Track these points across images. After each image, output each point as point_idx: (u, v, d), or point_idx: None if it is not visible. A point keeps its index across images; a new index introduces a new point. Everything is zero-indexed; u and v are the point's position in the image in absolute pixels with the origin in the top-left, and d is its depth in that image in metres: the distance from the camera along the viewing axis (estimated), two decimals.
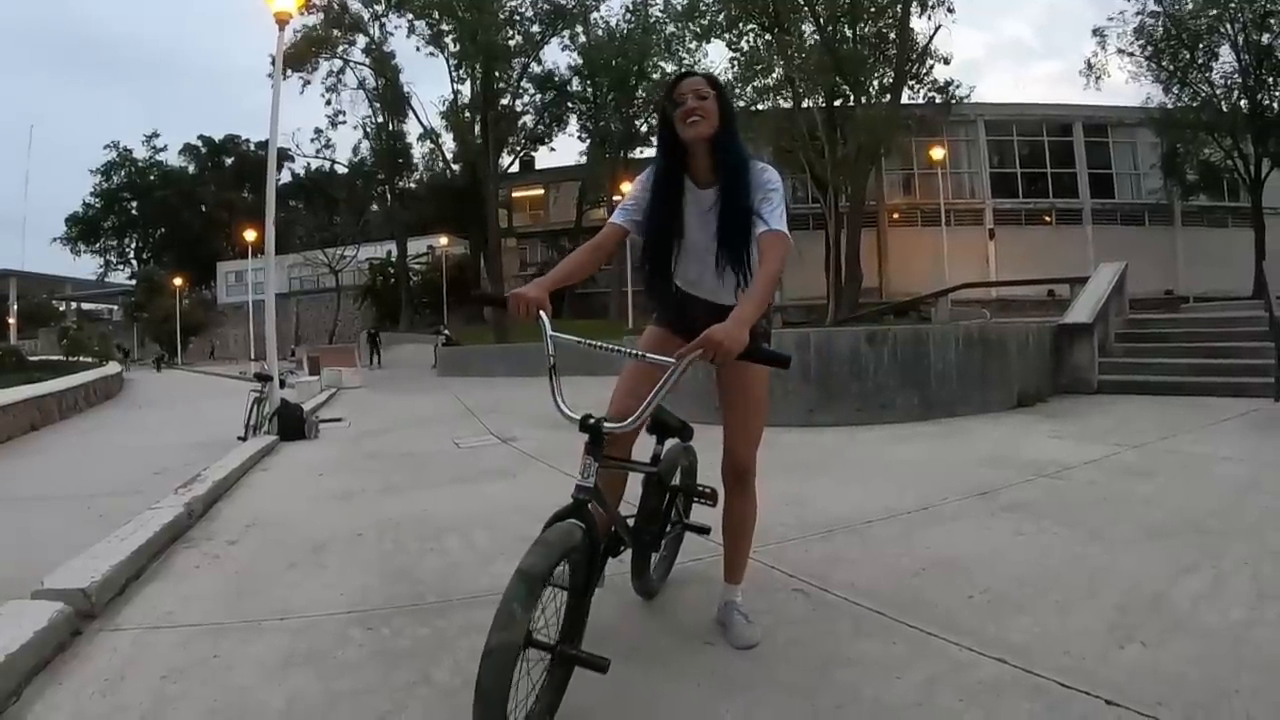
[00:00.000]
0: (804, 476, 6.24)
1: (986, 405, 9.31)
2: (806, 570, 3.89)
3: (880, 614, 3.31)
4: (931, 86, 31.88)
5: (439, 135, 47.05)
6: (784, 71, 32.17)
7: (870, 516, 4.86)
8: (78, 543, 4.63)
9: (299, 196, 62.62)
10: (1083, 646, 2.91)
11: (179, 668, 3.16)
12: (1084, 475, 5.81)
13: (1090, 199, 35.49)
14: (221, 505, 6.36)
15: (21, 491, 8.13)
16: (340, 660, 3.13)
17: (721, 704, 2.66)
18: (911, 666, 2.84)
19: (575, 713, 2.60)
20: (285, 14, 12.25)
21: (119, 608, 3.87)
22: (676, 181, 2.99)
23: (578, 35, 44.59)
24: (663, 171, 2.99)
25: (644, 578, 3.49)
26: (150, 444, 11.84)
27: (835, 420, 8.77)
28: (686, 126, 2.82)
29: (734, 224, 2.88)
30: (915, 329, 10.97)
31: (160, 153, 75.90)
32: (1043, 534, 4.36)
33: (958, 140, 35.86)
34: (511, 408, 12.67)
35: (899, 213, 36.33)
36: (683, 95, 2.85)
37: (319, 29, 40.90)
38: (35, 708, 2.86)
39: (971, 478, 5.82)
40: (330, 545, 4.87)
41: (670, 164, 2.97)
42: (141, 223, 76.34)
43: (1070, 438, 7.40)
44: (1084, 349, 10.87)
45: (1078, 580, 3.62)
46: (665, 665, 2.96)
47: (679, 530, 3.76)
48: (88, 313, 77.01)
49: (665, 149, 2.97)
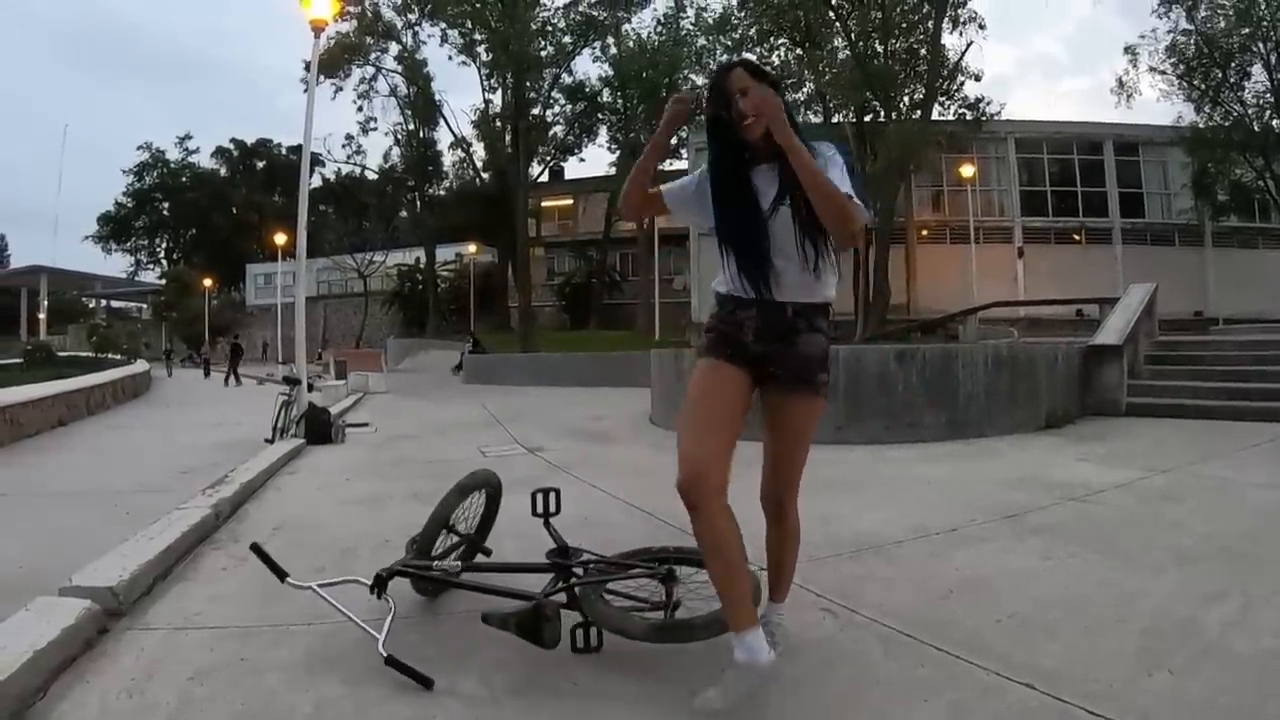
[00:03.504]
0: (832, 494, 6.23)
1: (1014, 426, 9.27)
2: (835, 589, 3.90)
3: (908, 636, 3.31)
4: (962, 103, 31.82)
5: (469, 143, 47.36)
6: (815, 86, 32.22)
7: (899, 536, 4.86)
8: (104, 540, 4.70)
9: (329, 201, 62.98)
10: (1111, 673, 2.90)
11: (206, 669, 3.18)
12: (1113, 499, 5.79)
13: (1120, 218, 35.22)
14: (249, 507, 6.42)
15: (49, 486, 8.18)
16: (368, 668, 3.12)
17: None
18: (939, 690, 2.84)
19: None
20: (321, 21, 12.36)
21: (146, 607, 3.91)
22: (738, 160, 2.91)
23: (609, 47, 44.76)
24: (718, 154, 2.96)
25: None
26: (177, 443, 11.92)
27: (863, 438, 8.76)
28: (748, 130, 2.78)
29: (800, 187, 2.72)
30: (944, 348, 10.94)
31: (192, 154, 76.92)
32: (1071, 558, 4.34)
33: (987, 157, 35.68)
34: (537, 417, 12.70)
35: (927, 229, 36.17)
36: (732, 96, 2.79)
37: (352, 36, 41.25)
38: (62, 705, 2.89)
39: (1000, 499, 5.81)
40: (358, 550, 4.90)
41: (725, 148, 2.92)
42: (172, 223, 77.15)
43: (1098, 460, 7.37)
44: (1113, 371, 10.78)
45: (1106, 605, 3.61)
46: (689, 683, 2.92)
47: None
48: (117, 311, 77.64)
49: (720, 141, 2.93)
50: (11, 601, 3.52)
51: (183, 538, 4.87)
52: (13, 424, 11.61)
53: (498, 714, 2.81)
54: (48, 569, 4.29)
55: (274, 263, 52.55)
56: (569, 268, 54.25)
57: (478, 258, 51.74)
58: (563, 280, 53.20)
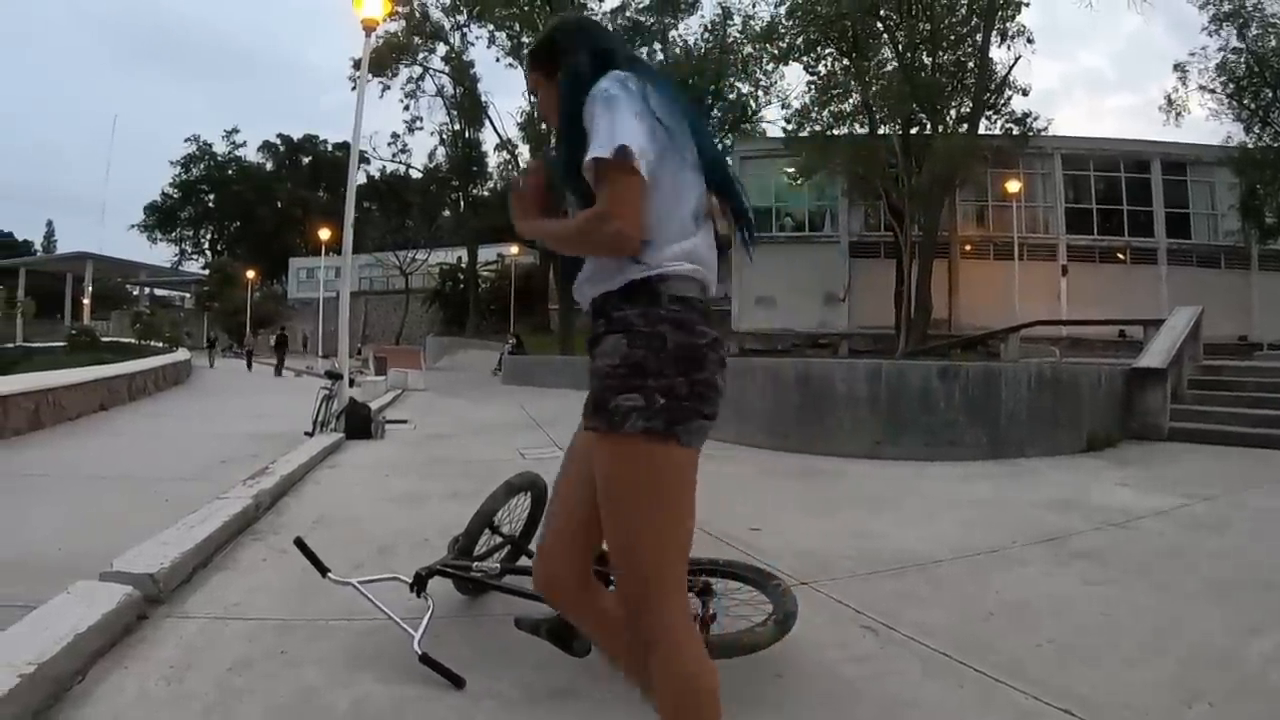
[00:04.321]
0: (871, 510, 6.28)
1: (1055, 447, 9.19)
2: (874, 607, 3.90)
3: (948, 656, 3.32)
4: (1009, 117, 31.62)
5: (515, 145, 47.47)
6: (861, 97, 32.11)
7: (938, 555, 4.87)
8: (143, 525, 4.79)
9: (373, 198, 63.42)
10: (1149, 702, 2.90)
11: (245, 661, 3.22)
12: (1153, 525, 5.76)
13: (1166, 238, 34.77)
14: (289, 500, 6.50)
15: (89, 470, 8.28)
16: (406, 666, 3.12)
17: None
18: (978, 713, 2.86)
19: None
20: (373, 20, 12.52)
21: (186, 595, 3.96)
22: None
23: (655, 53, 44.75)
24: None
25: None
26: (216, 432, 12.05)
27: (902, 454, 8.76)
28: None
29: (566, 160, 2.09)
30: (987, 366, 10.89)
31: (239, 148, 78.05)
32: (1110, 584, 4.34)
33: (1033, 173, 35.30)
34: (575, 419, 12.58)
35: (971, 244, 35.83)
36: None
37: (400, 36, 41.53)
38: (100, 690, 2.92)
39: (1040, 522, 5.80)
40: (396, 548, 4.94)
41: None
42: (217, 215, 78.19)
43: (1139, 486, 7.31)
44: (1156, 394, 10.67)
45: (1145, 634, 3.61)
46: (737, 696, 2.89)
47: None
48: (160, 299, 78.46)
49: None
50: (51, 584, 3.59)
51: (223, 528, 4.96)
52: (55, 406, 11.81)
53: (537, 716, 2.85)
54: (87, 552, 4.38)
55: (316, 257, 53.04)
56: None
57: (519, 259, 51.89)
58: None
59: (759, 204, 38.04)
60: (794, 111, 34.56)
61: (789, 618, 3.12)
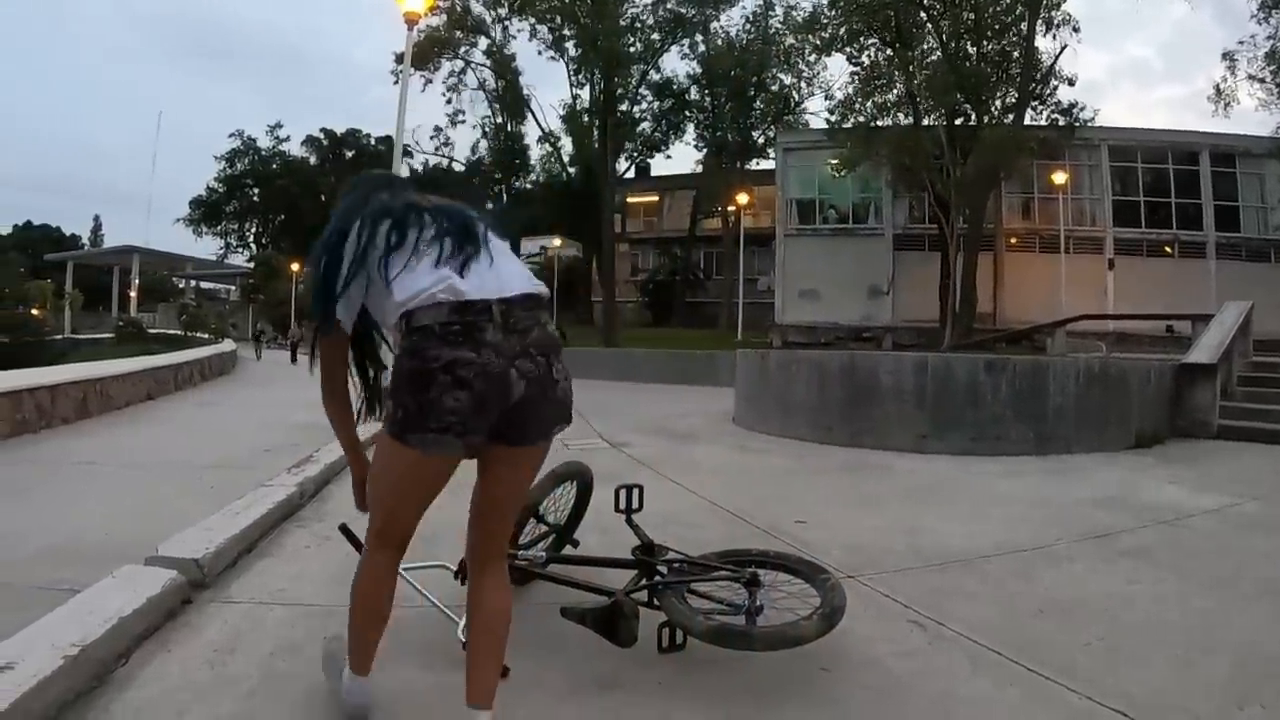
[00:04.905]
0: (917, 504, 6.28)
1: (1103, 444, 9.10)
2: (922, 602, 3.90)
3: (997, 653, 3.30)
4: (1055, 108, 31.17)
5: (557, 138, 47.68)
6: (905, 88, 31.85)
7: (985, 551, 4.85)
8: (188, 512, 4.85)
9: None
10: (1200, 704, 2.87)
11: (288, 645, 3.26)
12: (1203, 524, 5.70)
13: (1215, 232, 34.25)
14: (333, 488, 6.55)
15: (136, 458, 8.40)
16: (450, 655, 3.12)
17: None
18: (1029, 712, 2.83)
19: None
20: (415, 14, 12.66)
21: (230, 580, 4.02)
22: None
23: (697, 44, 44.75)
24: None
25: None
26: (261, 421, 12.15)
27: (947, 448, 8.73)
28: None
29: None
30: (1035, 360, 10.80)
31: (283, 143, 78.55)
32: (1160, 583, 4.31)
33: (1080, 165, 34.75)
34: (620, 412, 12.59)
35: (1017, 237, 35.42)
36: None
37: (442, 30, 41.71)
38: (143, 672, 2.96)
39: (1087, 519, 5.76)
40: (441, 536, 4.91)
41: None
42: (262, 208, 78.80)
43: (1189, 484, 7.21)
44: (1205, 391, 10.48)
45: (1195, 634, 3.58)
46: (783, 689, 2.98)
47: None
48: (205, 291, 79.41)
49: None
50: (98, 568, 3.67)
51: (267, 514, 5.02)
52: (103, 396, 12.02)
53: (581, 708, 2.85)
54: (133, 537, 4.45)
55: None
56: (652, 264, 54.32)
57: (562, 251, 51.99)
58: (646, 277, 53.37)
59: (802, 196, 38.07)
60: (837, 103, 34.36)
61: (836, 612, 3.10)
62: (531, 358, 2.32)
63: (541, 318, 2.41)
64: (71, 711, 2.65)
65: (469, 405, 2.25)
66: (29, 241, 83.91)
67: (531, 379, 2.32)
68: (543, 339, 2.37)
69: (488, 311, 2.28)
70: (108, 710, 2.69)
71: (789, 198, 38.49)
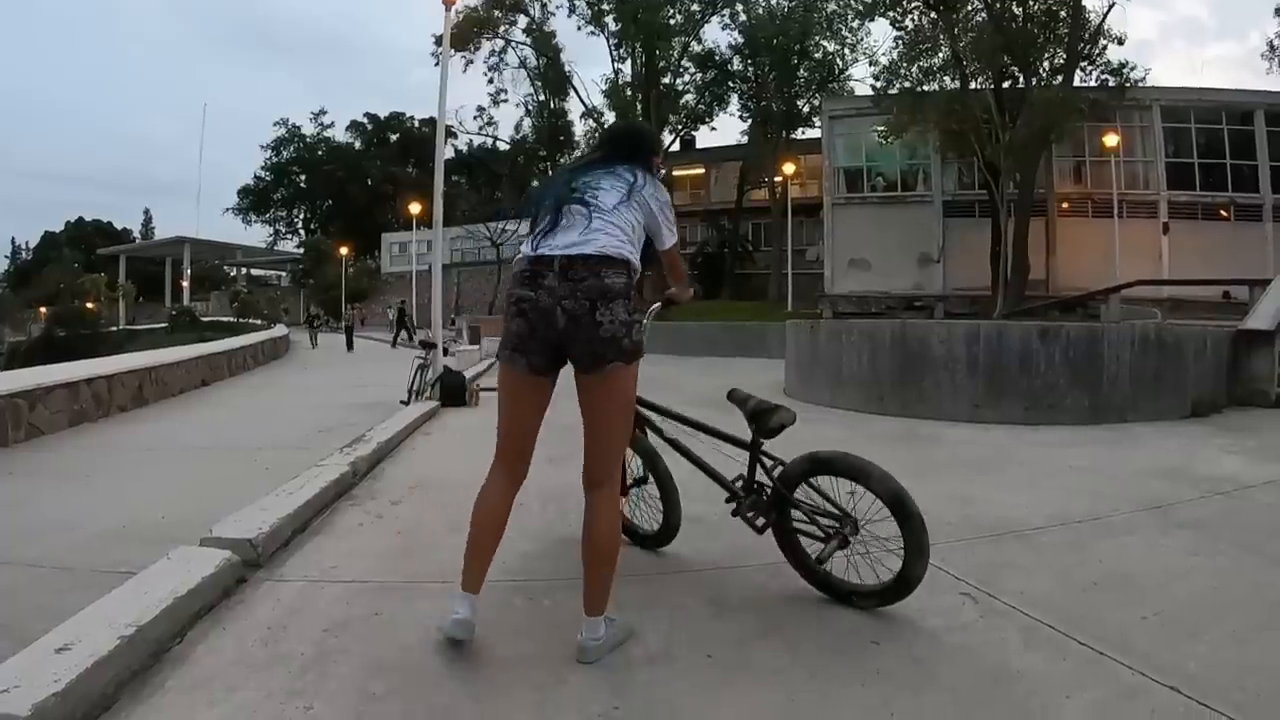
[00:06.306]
0: (969, 474, 6.23)
1: (1159, 413, 8.96)
2: (974, 574, 3.88)
3: (1050, 627, 3.26)
4: (1105, 68, 30.51)
5: (600, 113, 47.50)
6: (951, 50, 31.37)
7: (1039, 523, 4.79)
8: (243, 493, 4.90)
9: (462, 172, 63.98)
10: (1260, 682, 2.79)
11: (341, 622, 3.28)
12: (1263, 496, 5.58)
13: (1272, 194, 33.34)
14: (385, 466, 6.62)
15: (191, 442, 8.56)
16: (501, 627, 3.20)
17: (890, 705, 2.66)
18: (1082, 686, 2.78)
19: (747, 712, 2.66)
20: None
21: (283, 559, 4.06)
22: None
23: (738, 14, 44.37)
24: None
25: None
26: (314, 403, 12.34)
27: (1001, 418, 8.65)
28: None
29: None
30: (1090, 327, 10.64)
31: (327, 129, 79.79)
32: (1219, 555, 4.23)
33: (1131, 126, 33.87)
34: (670, 385, 12.40)
35: (1069, 202, 34.71)
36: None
37: (481, 9, 41.81)
38: (198, 649, 3.01)
39: (1144, 490, 5.66)
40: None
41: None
42: (309, 195, 79.90)
43: (1248, 454, 7.07)
44: (1263, 358, 10.26)
45: (1256, 610, 3.50)
46: (833, 662, 2.97)
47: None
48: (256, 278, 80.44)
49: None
50: (154, 550, 3.73)
51: (321, 494, 5.07)
52: (158, 384, 12.31)
53: (630, 680, 2.86)
54: (189, 519, 4.55)
55: (408, 232, 53.77)
56: (700, 237, 54.13)
57: None
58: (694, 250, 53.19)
59: (849, 164, 37.67)
60: (882, 68, 34.10)
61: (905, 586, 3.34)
62: (577, 299, 2.90)
63: (604, 273, 2.94)
64: (129, 689, 2.70)
65: (524, 330, 2.99)
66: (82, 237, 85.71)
67: (573, 315, 2.91)
68: (594, 287, 2.91)
69: (551, 263, 2.95)
70: (164, 687, 2.74)
71: (836, 166, 38.08)
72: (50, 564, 4.24)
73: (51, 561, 4.28)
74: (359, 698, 2.70)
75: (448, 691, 2.77)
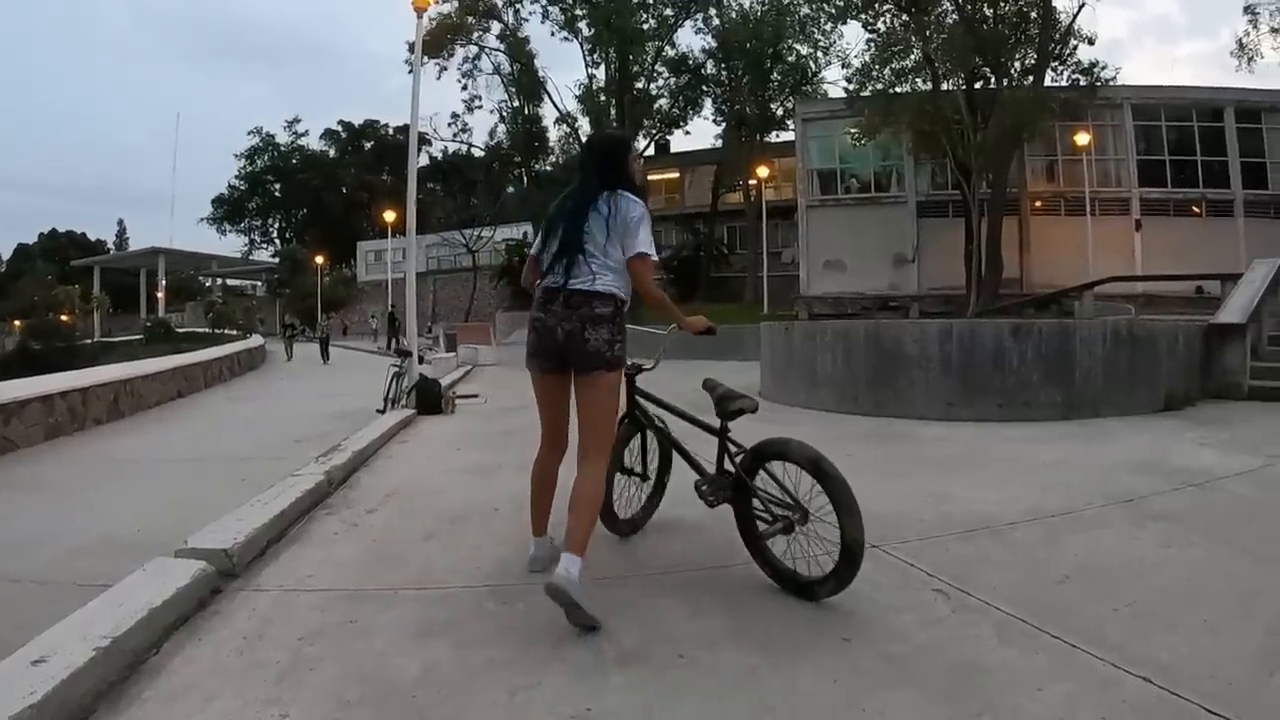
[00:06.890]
0: (943, 472, 6.26)
1: (1132, 407, 9.02)
2: (947, 570, 3.90)
3: (1023, 621, 3.29)
4: (1075, 68, 30.65)
5: (575, 119, 47.46)
6: (922, 52, 31.50)
7: (1012, 518, 4.82)
8: (220, 504, 4.93)
9: (437, 179, 63.90)
10: (1231, 671, 2.82)
11: (316, 631, 3.32)
12: (1235, 487, 5.63)
13: (1243, 189, 33.65)
14: (361, 475, 6.63)
15: (169, 454, 8.53)
16: (476, 632, 3.24)
17: (861, 702, 2.68)
18: (1053, 679, 2.81)
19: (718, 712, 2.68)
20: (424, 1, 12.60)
21: (259, 569, 4.08)
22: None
23: (711, 18, 44.44)
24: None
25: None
26: (290, 413, 12.30)
27: (975, 415, 8.69)
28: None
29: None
30: (1062, 324, 10.71)
31: (301, 137, 79.71)
32: (1191, 547, 4.26)
33: (1103, 125, 34.16)
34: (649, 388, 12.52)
35: (1041, 200, 34.99)
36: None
37: (454, 16, 41.72)
38: (174, 661, 3.04)
39: (1117, 483, 5.70)
40: (467, 518, 5.04)
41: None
42: (284, 203, 79.66)
43: (1220, 446, 7.13)
44: (1235, 351, 10.37)
45: (1228, 600, 3.53)
46: (804, 660, 2.98)
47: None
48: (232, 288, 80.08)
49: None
50: (132, 562, 3.74)
51: (296, 503, 5.09)
52: (134, 396, 12.26)
53: (603, 681, 2.88)
54: (165, 531, 4.54)
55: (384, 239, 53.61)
56: (676, 241, 54.15)
57: None
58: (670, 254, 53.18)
59: (823, 166, 37.82)
60: (855, 71, 34.03)
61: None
62: (572, 322, 3.67)
63: (595, 304, 3.68)
64: (106, 700, 2.72)
65: (536, 343, 3.84)
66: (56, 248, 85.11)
67: (569, 333, 3.67)
68: (586, 314, 3.67)
69: (558, 293, 3.73)
70: (141, 698, 2.76)
71: (810, 168, 38.24)
72: (28, 578, 4.26)
73: (29, 576, 4.29)
74: (335, 705, 2.72)
75: (422, 696, 2.78)
